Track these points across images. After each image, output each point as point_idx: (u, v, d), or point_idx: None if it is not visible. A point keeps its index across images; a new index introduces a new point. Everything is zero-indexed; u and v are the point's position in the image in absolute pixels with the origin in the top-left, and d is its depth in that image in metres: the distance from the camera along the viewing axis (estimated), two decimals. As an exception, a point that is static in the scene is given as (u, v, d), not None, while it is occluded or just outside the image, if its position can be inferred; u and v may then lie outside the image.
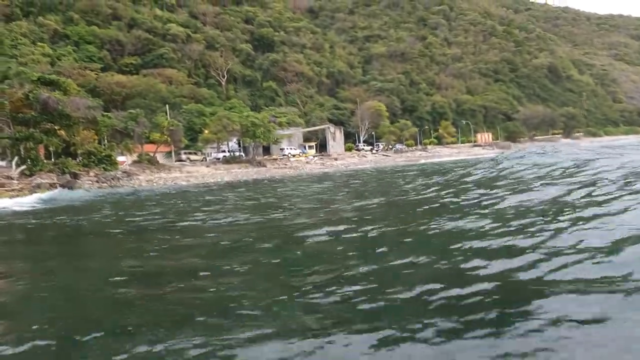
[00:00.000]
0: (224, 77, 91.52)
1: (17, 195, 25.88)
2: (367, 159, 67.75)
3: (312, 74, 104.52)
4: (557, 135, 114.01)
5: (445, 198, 9.71)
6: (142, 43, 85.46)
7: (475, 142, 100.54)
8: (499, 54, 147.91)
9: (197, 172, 46.93)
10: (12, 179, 30.25)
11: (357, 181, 26.99)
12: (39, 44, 72.07)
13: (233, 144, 64.90)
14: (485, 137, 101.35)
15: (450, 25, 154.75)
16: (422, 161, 63.14)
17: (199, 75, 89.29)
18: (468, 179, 11.93)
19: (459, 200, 9.17)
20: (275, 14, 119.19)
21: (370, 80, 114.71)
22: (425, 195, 10.89)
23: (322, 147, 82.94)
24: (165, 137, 47.06)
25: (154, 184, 38.79)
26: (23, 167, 32.48)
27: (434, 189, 11.73)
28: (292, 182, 33.18)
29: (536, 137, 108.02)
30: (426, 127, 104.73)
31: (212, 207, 16.37)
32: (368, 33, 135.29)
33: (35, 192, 27.41)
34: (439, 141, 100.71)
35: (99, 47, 79.76)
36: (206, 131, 60.54)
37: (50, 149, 41.71)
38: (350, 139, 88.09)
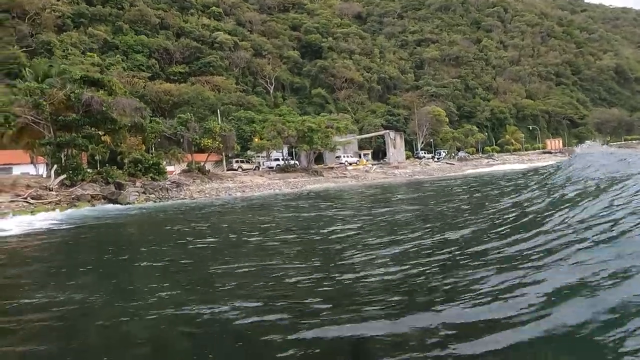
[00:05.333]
0: (271, 84, 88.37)
1: (53, 209, 21.75)
2: (431, 167, 61.37)
3: (362, 79, 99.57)
4: (633, 141, 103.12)
5: None
6: (190, 51, 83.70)
7: (544, 148, 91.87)
8: (559, 56, 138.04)
9: (251, 181, 42.39)
10: (50, 190, 26.43)
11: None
12: (89, 53, 71.09)
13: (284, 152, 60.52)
14: (555, 143, 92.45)
15: (505, 27, 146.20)
16: (495, 168, 55.79)
17: (247, 83, 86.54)
18: None
19: None
20: (322, 20, 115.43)
21: (424, 85, 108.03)
22: None
23: (375, 155, 77.39)
24: (217, 143, 42.94)
25: (206, 194, 34.38)
26: (63, 176, 28.67)
27: None
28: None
29: (611, 143, 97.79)
30: (486, 133, 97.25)
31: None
32: (419, 37, 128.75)
33: (74, 206, 23.30)
34: (501, 148, 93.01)
35: (147, 56, 78.27)
36: (256, 139, 56.60)
37: (97, 157, 38.42)
38: (406, 146, 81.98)
